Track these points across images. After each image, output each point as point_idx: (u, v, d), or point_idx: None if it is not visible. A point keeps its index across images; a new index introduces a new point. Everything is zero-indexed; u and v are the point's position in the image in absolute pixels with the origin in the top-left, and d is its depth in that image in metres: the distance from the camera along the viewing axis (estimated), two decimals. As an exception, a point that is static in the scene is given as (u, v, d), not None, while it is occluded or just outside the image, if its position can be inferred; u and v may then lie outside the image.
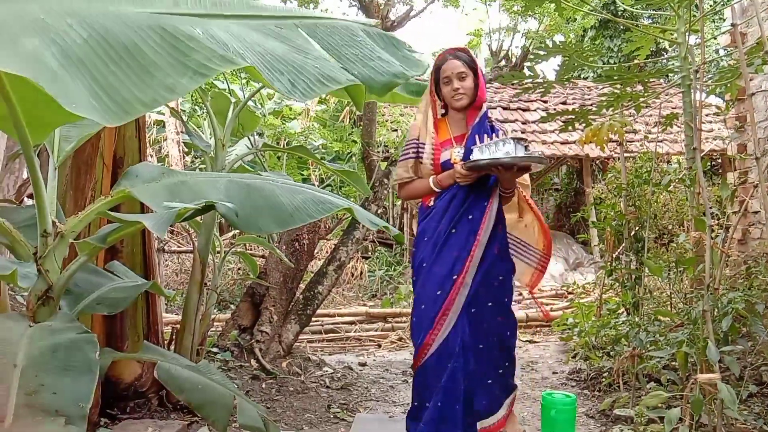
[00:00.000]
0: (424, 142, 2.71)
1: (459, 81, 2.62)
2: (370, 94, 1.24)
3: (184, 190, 1.95)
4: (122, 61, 0.90)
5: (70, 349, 1.54)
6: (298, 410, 3.46)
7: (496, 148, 2.45)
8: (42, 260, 1.86)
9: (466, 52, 2.74)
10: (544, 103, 9.89)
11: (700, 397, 2.46)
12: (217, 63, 0.95)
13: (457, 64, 2.64)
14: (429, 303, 2.61)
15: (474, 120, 2.70)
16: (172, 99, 0.95)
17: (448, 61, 2.66)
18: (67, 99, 0.82)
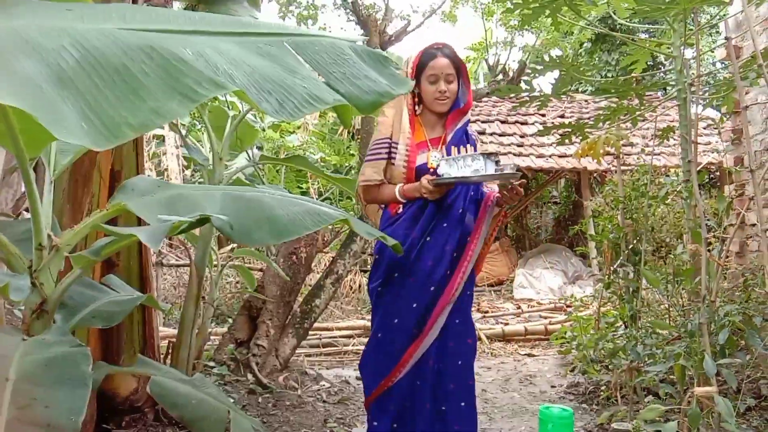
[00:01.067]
0: (397, 142, 2.49)
1: (446, 83, 2.45)
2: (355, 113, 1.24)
3: (179, 203, 1.95)
4: (113, 83, 0.90)
5: (64, 363, 1.53)
6: (294, 425, 3.44)
7: (464, 163, 2.31)
8: (37, 273, 1.86)
9: (452, 50, 2.54)
10: (542, 116, 9.93)
11: (698, 410, 2.45)
12: (207, 87, 0.95)
13: (445, 64, 2.45)
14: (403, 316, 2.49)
15: (454, 125, 2.53)
16: (161, 123, 0.95)
17: (438, 59, 2.46)
18: (57, 125, 0.81)
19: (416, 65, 2.50)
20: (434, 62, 2.47)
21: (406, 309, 2.48)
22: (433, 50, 2.50)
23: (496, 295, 9.01)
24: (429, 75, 2.47)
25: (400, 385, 2.47)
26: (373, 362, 2.53)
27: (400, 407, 2.48)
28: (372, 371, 2.54)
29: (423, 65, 2.49)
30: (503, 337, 6.39)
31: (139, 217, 2.76)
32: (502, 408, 4.05)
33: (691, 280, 2.82)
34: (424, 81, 2.49)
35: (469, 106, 2.58)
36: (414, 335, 2.47)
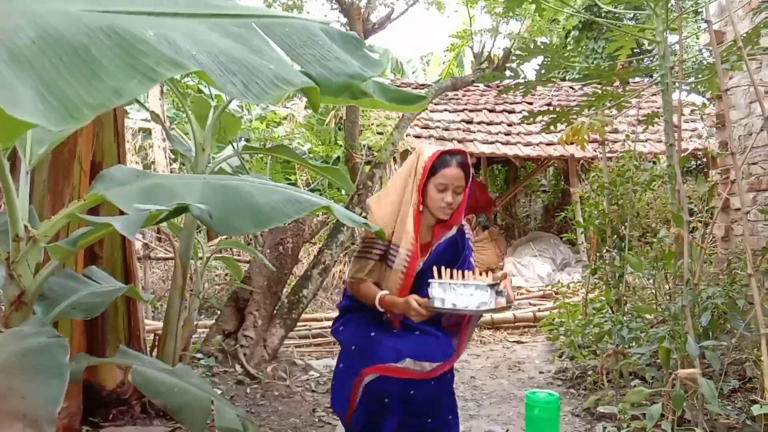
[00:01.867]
0: (397, 245, 2.35)
1: (454, 194, 2.32)
2: (325, 95, 1.22)
3: (158, 192, 1.93)
4: (70, 62, 0.89)
5: (40, 353, 1.52)
6: (283, 414, 3.44)
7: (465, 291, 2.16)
8: (14, 265, 1.84)
9: (466, 158, 2.39)
10: (529, 105, 9.93)
11: (681, 392, 2.47)
12: (167, 67, 0.93)
13: (458, 175, 2.31)
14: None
15: (441, 235, 2.43)
16: (120, 103, 0.93)
17: (451, 168, 2.31)
18: (12, 104, 0.80)
19: (428, 168, 2.35)
20: (447, 171, 2.32)
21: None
22: (448, 157, 2.35)
23: (485, 283, 9.04)
24: (439, 182, 2.33)
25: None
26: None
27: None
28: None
29: (435, 170, 2.34)
30: (492, 324, 6.41)
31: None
32: (491, 394, 4.07)
33: (673, 263, 2.83)
34: (432, 186, 2.34)
35: (456, 221, 2.43)
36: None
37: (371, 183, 4.48)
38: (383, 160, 4.45)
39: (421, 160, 2.37)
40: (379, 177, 4.48)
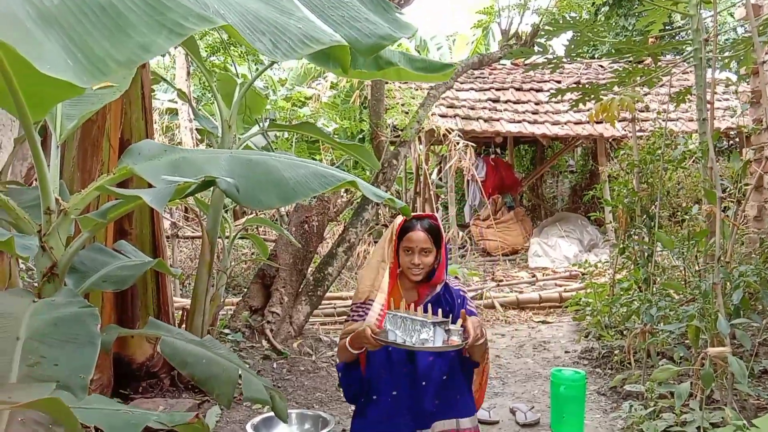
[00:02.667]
0: (373, 300, 2.49)
1: (421, 256, 2.43)
2: (356, 56, 1.21)
3: (185, 166, 1.95)
4: (97, 20, 0.89)
5: (72, 322, 1.55)
6: (308, 389, 3.48)
7: (413, 327, 2.23)
8: (46, 238, 1.88)
9: (434, 221, 2.51)
10: (557, 83, 9.76)
11: (711, 371, 2.43)
12: (194, 22, 0.93)
13: (422, 238, 2.42)
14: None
15: (427, 295, 2.52)
16: (147, 58, 0.94)
17: (415, 231, 2.42)
18: (41, 60, 0.81)
19: (397, 232, 2.49)
20: (411, 234, 2.44)
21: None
22: (413, 222, 2.47)
23: (510, 264, 8.98)
24: (404, 246, 2.45)
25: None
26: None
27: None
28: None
29: (402, 234, 2.48)
30: (518, 304, 6.38)
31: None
32: (516, 373, 4.06)
33: (705, 241, 2.78)
34: (402, 250, 2.47)
35: (438, 280, 2.52)
36: None
37: (396, 161, 4.46)
38: (408, 138, 4.42)
39: (396, 225, 2.50)
40: (404, 155, 4.46)
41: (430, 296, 2.56)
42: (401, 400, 2.52)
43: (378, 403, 2.52)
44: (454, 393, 2.51)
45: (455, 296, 2.57)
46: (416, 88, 8.07)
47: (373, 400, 2.53)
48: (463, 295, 2.61)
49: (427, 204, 9.47)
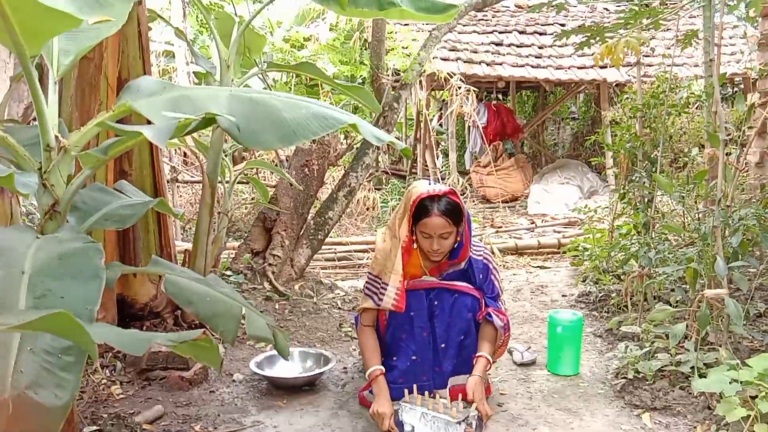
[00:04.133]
0: (387, 283, 2.46)
1: (440, 240, 2.37)
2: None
3: (185, 103, 1.92)
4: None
5: (76, 257, 1.56)
6: (310, 329, 3.54)
7: (435, 425, 2.22)
8: (47, 175, 1.87)
9: (453, 197, 2.39)
10: (562, 26, 9.58)
11: (707, 312, 2.47)
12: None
13: (439, 224, 2.34)
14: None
15: (449, 268, 2.53)
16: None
17: (431, 218, 2.34)
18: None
19: (413, 212, 2.41)
20: (428, 221, 2.36)
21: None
22: (427, 204, 2.37)
23: (510, 211, 9.00)
24: (421, 231, 2.40)
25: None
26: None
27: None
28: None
29: (419, 215, 2.39)
30: (516, 250, 6.43)
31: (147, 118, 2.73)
32: (514, 315, 4.12)
33: (705, 184, 2.77)
34: (419, 232, 2.42)
35: (463, 258, 2.49)
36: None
37: (397, 105, 4.41)
38: (409, 81, 4.36)
39: (410, 201, 2.43)
40: (405, 98, 4.40)
41: (453, 271, 2.56)
42: (421, 363, 2.56)
43: (397, 366, 2.57)
44: (470, 352, 2.57)
45: (477, 272, 2.57)
46: (417, 30, 7.90)
47: (393, 362, 2.58)
48: (487, 264, 2.59)
49: (428, 150, 9.44)
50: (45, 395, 1.36)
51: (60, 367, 1.40)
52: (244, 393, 2.77)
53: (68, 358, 1.41)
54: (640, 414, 2.51)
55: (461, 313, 2.54)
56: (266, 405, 2.65)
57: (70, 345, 1.41)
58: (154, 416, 2.45)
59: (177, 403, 2.64)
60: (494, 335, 2.54)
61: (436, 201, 2.37)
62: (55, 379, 1.39)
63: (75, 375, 1.40)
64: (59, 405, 1.36)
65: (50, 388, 1.38)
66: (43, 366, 1.39)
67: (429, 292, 2.54)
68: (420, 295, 2.52)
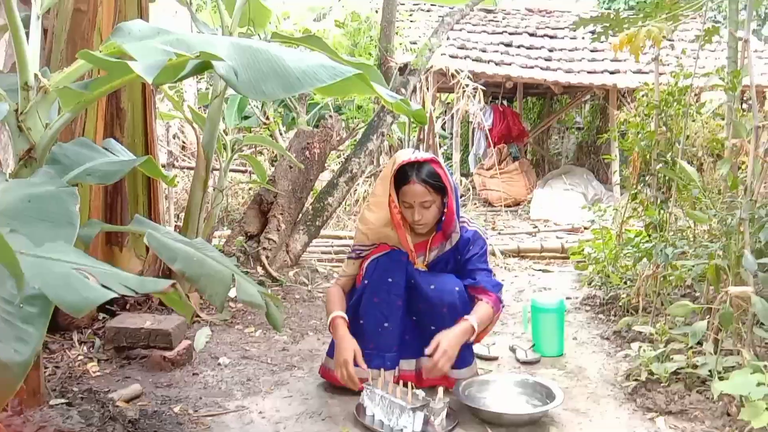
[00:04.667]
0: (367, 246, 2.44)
1: (422, 210, 2.27)
2: None
3: (181, 48, 1.75)
4: None
5: (48, 200, 1.39)
6: (303, 317, 3.36)
7: (391, 410, 2.12)
8: (23, 117, 1.70)
9: (435, 165, 2.28)
10: (573, 30, 9.44)
11: (731, 310, 2.30)
12: None
13: (419, 191, 2.24)
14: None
15: (438, 244, 2.41)
16: None
17: (410, 184, 2.25)
18: None
19: (393, 180, 2.30)
20: (408, 188, 2.27)
21: None
22: (408, 170, 2.26)
23: (512, 215, 8.84)
24: (403, 201, 2.30)
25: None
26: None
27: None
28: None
29: (399, 184, 2.29)
30: (518, 253, 6.26)
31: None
32: (515, 315, 3.95)
33: (731, 174, 2.61)
34: (401, 202, 2.32)
35: (446, 230, 2.37)
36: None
37: (404, 90, 4.25)
38: (419, 67, 4.20)
39: (392, 167, 2.32)
40: (414, 85, 4.24)
41: (439, 253, 2.42)
42: (391, 332, 2.42)
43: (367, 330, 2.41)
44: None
45: (464, 243, 2.41)
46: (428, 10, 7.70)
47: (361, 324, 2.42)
48: (477, 232, 2.45)
49: (431, 150, 9.28)
50: (2, 349, 1.19)
51: (21, 319, 1.22)
52: (229, 377, 2.59)
53: (31, 308, 1.24)
54: (654, 417, 2.34)
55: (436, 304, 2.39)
56: (252, 390, 2.47)
57: (34, 294, 1.24)
58: (131, 395, 2.27)
59: (157, 383, 2.46)
60: (488, 310, 2.37)
61: (416, 168, 2.27)
62: (15, 331, 1.21)
63: (38, 328, 1.23)
64: (19, 361, 1.19)
65: (9, 342, 1.20)
66: (1, 317, 1.22)
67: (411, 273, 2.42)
68: (402, 266, 2.38)
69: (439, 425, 2.14)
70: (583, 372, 2.83)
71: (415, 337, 2.47)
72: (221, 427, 2.13)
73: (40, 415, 1.81)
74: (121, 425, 1.89)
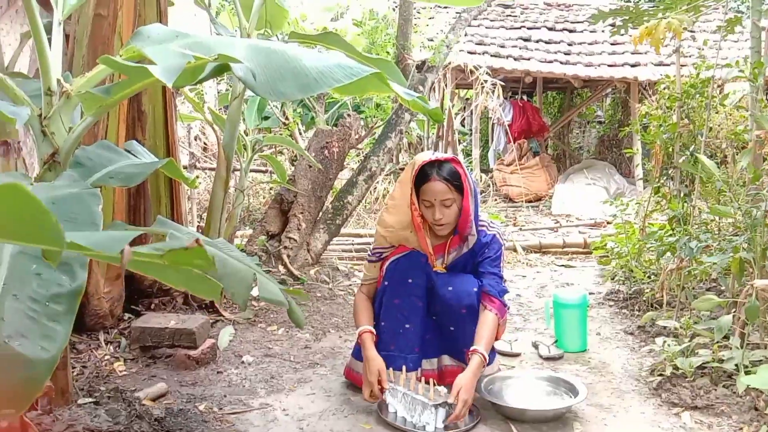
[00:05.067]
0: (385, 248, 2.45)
1: (442, 208, 2.26)
2: None
3: (200, 50, 1.77)
4: None
5: (71, 202, 1.41)
6: (325, 315, 3.38)
7: (413, 407, 2.12)
8: (47, 122, 1.74)
9: (455, 164, 2.28)
10: (592, 23, 9.35)
11: (757, 303, 2.26)
12: None
13: (440, 189, 2.23)
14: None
15: (456, 246, 2.41)
16: None
17: (431, 182, 2.24)
18: None
19: (414, 180, 2.30)
20: (427, 186, 2.26)
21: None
22: (428, 169, 2.26)
23: (533, 210, 8.78)
24: (423, 199, 2.29)
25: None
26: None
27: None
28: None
29: (419, 184, 2.29)
30: (540, 249, 6.22)
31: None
32: (538, 311, 3.93)
33: (752, 165, 2.57)
34: (422, 203, 2.31)
35: (465, 231, 2.36)
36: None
37: (422, 88, 4.25)
38: (436, 64, 4.19)
39: (413, 168, 2.32)
40: (431, 82, 4.24)
41: (457, 255, 2.42)
42: (413, 332, 2.42)
43: (387, 331, 2.43)
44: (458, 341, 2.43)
45: (480, 246, 2.42)
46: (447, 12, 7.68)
47: (383, 326, 2.43)
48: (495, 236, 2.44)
49: (450, 147, 9.25)
50: (29, 347, 1.21)
51: (47, 317, 1.24)
52: (253, 375, 2.62)
53: (57, 306, 1.26)
54: (680, 413, 2.31)
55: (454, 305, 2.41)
56: (275, 388, 2.50)
57: (60, 292, 1.26)
58: (157, 393, 2.31)
59: (182, 382, 2.49)
60: (494, 324, 2.36)
61: (436, 166, 2.27)
62: (42, 329, 1.24)
63: (64, 326, 1.25)
64: (45, 358, 1.21)
65: (36, 339, 1.23)
66: (28, 314, 1.24)
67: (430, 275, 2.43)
68: (421, 267, 2.39)
69: (461, 421, 2.14)
70: (607, 367, 2.81)
71: (435, 336, 2.47)
72: (246, 424, 2.16)
73: (68, 414, 1.85)
74: (148, 423, 1.92)
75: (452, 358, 2.49)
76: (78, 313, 1.24)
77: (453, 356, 2.48)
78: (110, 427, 1.85)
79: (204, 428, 2.06)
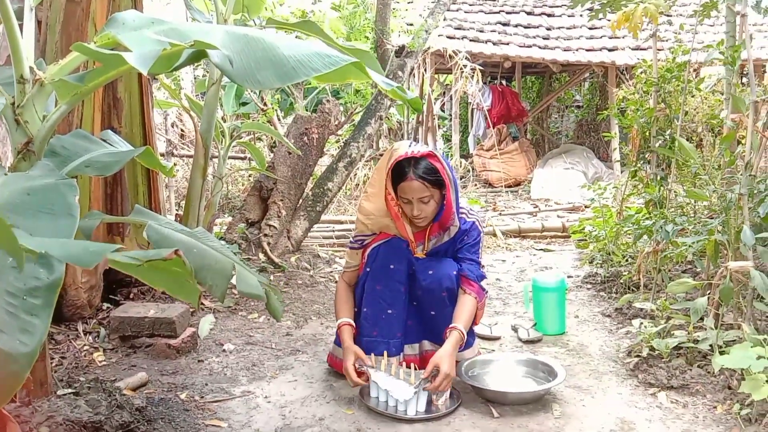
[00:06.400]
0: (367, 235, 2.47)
1: (420, 205, 2.26)
2: None
3: (176, 37, 1.75)
4: None
5: (47, 192, 1.39)
6: (306, 302, 3.38)
7: (394, 390, 2.13)
8: (20, 110, 1.70)
9: (432, 159, 2.25)
10: (571, 8, 9.37)
11: (731, 285, 2.31)
12: None
13: (416, 187, 2.22)
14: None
15: (436, 234, 2.42)
16: None
17: (408, 181, 2.22)
18: None
19: (390, 174, 2.28)
20: (405, 185, 2.25)
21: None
22: (404, 166, 2.24)
23: (513, 195, 8.84)
24: (401, 196, 2.29)
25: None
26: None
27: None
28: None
29: (396, 181, 2.28)
30: (519, 233, 6.27)
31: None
32: (517, 295, 3.97)
33: (729, 150, 2.61)
34: (399, 197, 2.31)
35: (446, 222, 2.37)
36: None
37: (402, 73, 4.23)
38: (416, 49, 4.18)
39: (389, 161, 2.30)
40: (411, 67, 4.22)
41: (437, 242, 2.44)
42: (396, 317, 2.44)
43: (369, 318, 2.44)
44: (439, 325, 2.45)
45: (461, 234, 2.44)
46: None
47: (365, 311, 2.45)
48: (475, 223, 2.46)
49: (430, 133, 9.25)
50: (8, 341, 1.20)
51: (25, 311, 1.23)
52: (234, 363, 2.62)
53: (35, 300, 1.25)
54: (656, 393, 2.36)
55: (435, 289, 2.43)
56: (257, 375, 2.50)
57: (37, 286, 1.25)
58: (137, 383, 2.30)
59: (163, 371, 2.49)
60: (472, 307, 2.39)
61: (413, 164, 2.25)
62: (20, 323, 1.22)
63: (42, 319, 1.24)
64: (25, 352, 1.20)
65: (14, 334, 1.21)
66: (5, 309, 1.23)
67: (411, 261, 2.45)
68: (403, 252, 2.40)
69: (442, 405, 2.17)
70: (585, 349, 2.86)
71: (417, 322, 2.49)
72: (228, 412, 2.16)
73: (47, 405, 1.84)
74: (129, 413, 1.91)
75: (433, 343, 2.51)
76: (56, 304, 1.23)
77: (433, 341, 2.50)
78: (90, 418, 1.84)
79: (185, 417, 2.05)
